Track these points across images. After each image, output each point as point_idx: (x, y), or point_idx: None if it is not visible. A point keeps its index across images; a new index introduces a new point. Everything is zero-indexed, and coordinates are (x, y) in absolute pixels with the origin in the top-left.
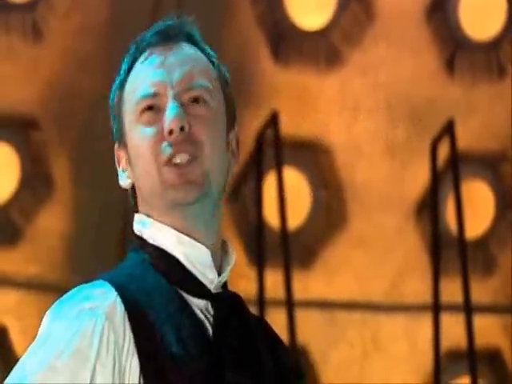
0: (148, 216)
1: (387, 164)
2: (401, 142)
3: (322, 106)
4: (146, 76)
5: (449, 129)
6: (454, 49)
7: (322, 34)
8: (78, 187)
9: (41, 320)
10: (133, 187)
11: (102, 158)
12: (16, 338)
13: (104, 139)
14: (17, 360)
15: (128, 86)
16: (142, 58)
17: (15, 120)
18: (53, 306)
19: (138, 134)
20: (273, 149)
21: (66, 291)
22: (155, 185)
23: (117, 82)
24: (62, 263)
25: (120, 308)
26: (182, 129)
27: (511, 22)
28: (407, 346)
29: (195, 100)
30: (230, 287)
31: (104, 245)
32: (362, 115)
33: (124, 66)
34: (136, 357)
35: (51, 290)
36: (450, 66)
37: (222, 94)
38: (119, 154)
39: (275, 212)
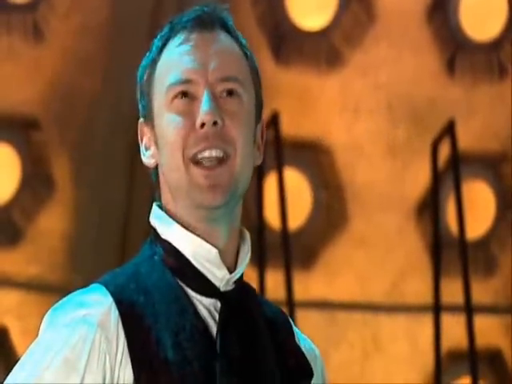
0: (166, 206)
1: (388, 164)
2: (401, 143)
3: (322, 106)
4: (180, 61)
5: (449, 129)
6: (455, 49)
7: (323, 34)
8: (79, 187)
9: (41, 320)
10: (155, 166)
11: (103, 159)
12: (17, 338)
13: (104, 139)
14: (17, 360)
15: (160, 66)
16: (176, 41)
17: (16, 120)
18: (48, 313)
19: (168, 122)
20: (273, 149)
21: (66, 291)
22: (181, 181)
23: (148, 58)
24: (62, 263)
25: (114, 314)
26: (214, 123)
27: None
28: (408, 346)
29: (229, 93)
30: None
31: (104, 245)
32: (362, 116)
33: (156, 43)
34: (130, 364)
35: (52, 290)
36: (450, 66)
37: (253, 85)
38: (143, 129)
39: (276, 212)
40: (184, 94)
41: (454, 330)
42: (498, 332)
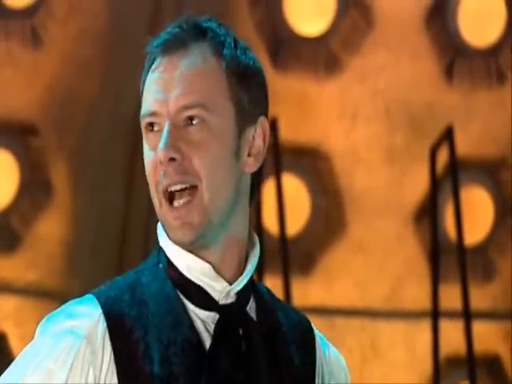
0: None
1: (386, 170)
2: (400, 149)
3: (321, 112)
4: (149, 91)
5: (448, 135)
6: (453, 55)
7: (321, 40)
8: (77, 193)
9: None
10: None
11: (101, 164)
12: (15, 344)
13: (103, 144)
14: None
15: (144, 90)
16: (153, 66)
17: (14, 126)
18: (42, 321)
19: (145, 154)
20: (272, 155)
21: (65, 297)
22: (159, 214)
23: (142, 76)
24: (60, 269)
25: (102, 327)
26: (171, 159)
27: (510, 29)
28: (406, 352)
29: (190, 120)
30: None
31: (103, 250)
32: (360, 121)
33: (146, 64)
34: (115, 376)
35: (50, 295)
36: (449, 72)
37: (231, 96)
38: None
39: (274, 218)
40: (151, 126)
41: (452, 336)
42: (496, 338)
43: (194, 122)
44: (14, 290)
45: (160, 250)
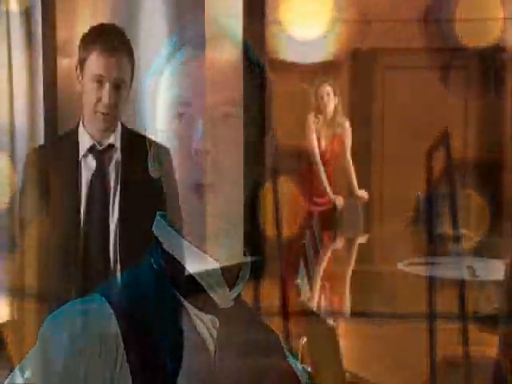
0: (169, 219)
1: (383, 173)
2: (397, 152)
3: (317, 115)
4: (181, 80)
5: (444, 138)
6: (450, 58)
7: (318, 43)
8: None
9: (37, 329)
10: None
11: None
12: (12, 347)
13: None
14: (12, 369)
15: (165, 79)
16: (181, 55)
17: (12, 128)
18: (47, 320)
19: (168, 143)
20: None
21: (62, 299)
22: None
23: (156, 65)
24: (57, 271)
25: (114, 324)
26: (207, 152)
27: (507, 32)
28: (403, 354)
29: (226, 115)
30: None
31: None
32: (357, 124)
33: (167, 50)
34: (129, 373)
35: (48, 298)
36: (445, 75)
37: (244, 96)
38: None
39: (271, 221)
40: (181, 116)
41: (449, 339)
42: (493, 340)
43: (231, 118)
44: (11, 292)
45: (155, 251)
